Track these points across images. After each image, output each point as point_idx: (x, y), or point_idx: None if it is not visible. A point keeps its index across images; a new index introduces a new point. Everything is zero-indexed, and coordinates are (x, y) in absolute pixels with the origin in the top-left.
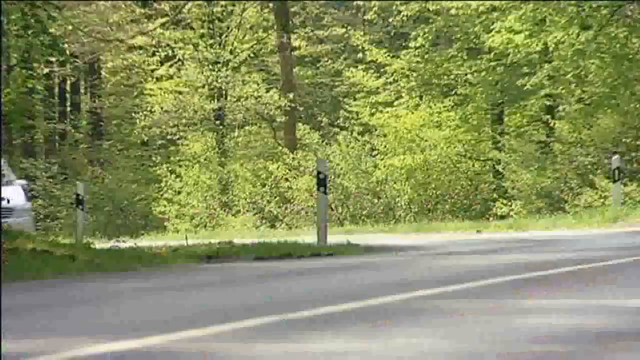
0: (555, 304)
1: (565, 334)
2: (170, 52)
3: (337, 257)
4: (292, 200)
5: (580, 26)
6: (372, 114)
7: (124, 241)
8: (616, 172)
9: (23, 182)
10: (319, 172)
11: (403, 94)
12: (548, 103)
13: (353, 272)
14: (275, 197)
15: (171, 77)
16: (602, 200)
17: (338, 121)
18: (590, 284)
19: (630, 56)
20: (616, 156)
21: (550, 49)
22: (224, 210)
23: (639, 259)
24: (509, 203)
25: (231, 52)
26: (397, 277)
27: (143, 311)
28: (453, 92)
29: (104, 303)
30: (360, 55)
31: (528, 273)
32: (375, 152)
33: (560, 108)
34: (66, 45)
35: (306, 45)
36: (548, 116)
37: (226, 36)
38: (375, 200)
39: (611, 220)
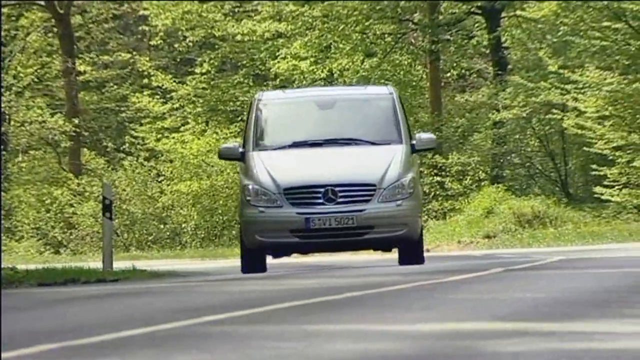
0: (338, 329)
1: (349, 359)
2: None
3: (123, 282)
4: (77, 226)
5: (364, 53)
6: (158, 140)
7: None
8: None
9: None
10: (104, 198)
11: (189, 120)
12: None
13: (139, 297)
14: (59, 223)
15: None
16: None
17: (124, 146)
18: (375, 308)
19: (414, 83)
20: None
21: (336, 75)
22: (7, 236)
23: (425, 284)
24: None
25: (15, 77)
26: (184, 302)
27: None
28: (239, 119)
29: None
30: (146, 80)
31: (314, 298)
32: (161, 178)
33: None
34: None
35: (91, 70)
36: None
37: (9, 60)
38: (162, 226)
39: None
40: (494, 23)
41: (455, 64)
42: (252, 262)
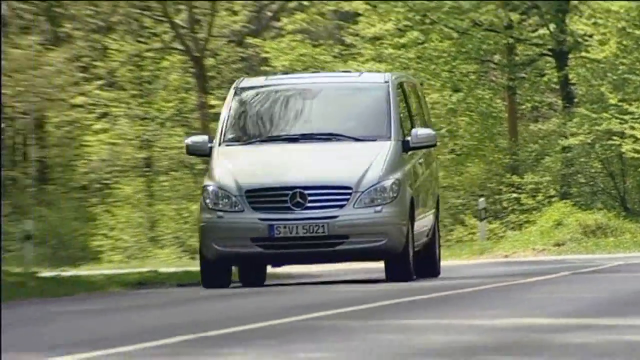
0: (430, 324)
1: (438, 349)
2: (105, 109)
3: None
4: None
5: (452, 89)
6: None
7: (66, 270)
8: (482, 212)
9: None
10: None
11: None
12: None
13: (261, 295)
14: (195, 233)
15: (106, 131)
16: (470, 235)
17: None
18: (461, 306)
19: (495, 114)
20: (482, 199)
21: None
22: (152, 244)
23: (503, 285)
24: None
25: (158, 110)
26: (297, 300)
27: (79, 330)
28: None
29: (47, 324)
30: None
31: (408, 297)
32: None
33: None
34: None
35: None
36: None
37: (153, 96)
38: None
39: (478, 252)
40: (562, 63)
41: (529, 98)
42: (213, 275)
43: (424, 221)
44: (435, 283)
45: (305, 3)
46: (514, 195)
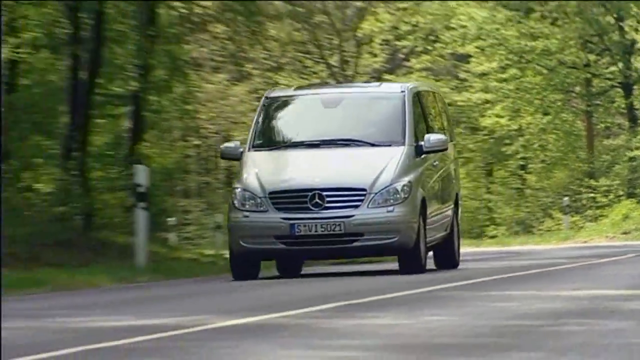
0: (529, 294)
1: (534, 314)
2: None
3: None
4: None
5: (543, 113)
6: None
7: None
8: (566, 208)
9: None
10: None
11: None
12: (522, 163)
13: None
14: None
15: None
16: (557, 226)
17: None
18: (550, 280)
19: (575, 133)
20: (566, 198)
21: (523, 128)
22: None
23: (583, 264)
24: (497, 228)
25: None
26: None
27: (257, 298)
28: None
29: (231, 294)
30: None
31: (510, 274)
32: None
33: (530, 166)
34: (211, 126)
35: None
36: (522, 171)
37: None
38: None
39: (563, 239)
40: (628, 92)
41: (603, 120)
42: (243, 268)
43: (440, 217)
44: (530, 262)
45: (429, 47)
46: (591, 195)
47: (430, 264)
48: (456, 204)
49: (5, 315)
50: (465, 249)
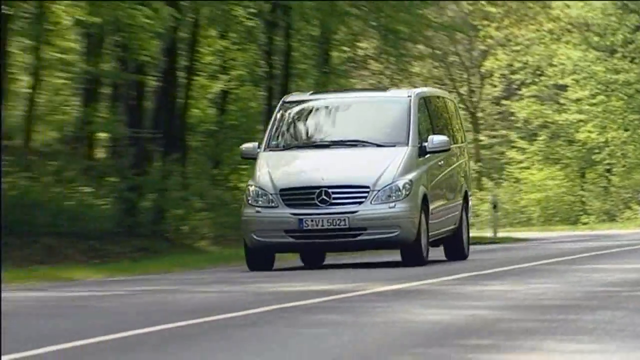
0: (613, 267)
1: (617, 282)
2: None
3: (501, 244)
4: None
5: (624, 129)
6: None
7: None
8: None
9: None
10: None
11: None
12: (607, 167)
13: (508, 250)
14: None
15: None
16: (634, 215)
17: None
18: (629, 256)
19: None
20: None
21: (609, 140)
22: None
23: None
24: (588, 217)
25: None
26: (515, 256)
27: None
28: None
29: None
30: None
31: (599, 252)
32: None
33: (614, 170)
34: None
35: None
36: (607, 174)
37: None
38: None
39: (638, 226)
40: None
41: None
42: (257, 260)
43: (446, 212)
44: (613, 242)
45: (536, 80)
46: None
47: (440, 255)
48: (465, 200)
49: (212, 282)
50: (564, 232)
